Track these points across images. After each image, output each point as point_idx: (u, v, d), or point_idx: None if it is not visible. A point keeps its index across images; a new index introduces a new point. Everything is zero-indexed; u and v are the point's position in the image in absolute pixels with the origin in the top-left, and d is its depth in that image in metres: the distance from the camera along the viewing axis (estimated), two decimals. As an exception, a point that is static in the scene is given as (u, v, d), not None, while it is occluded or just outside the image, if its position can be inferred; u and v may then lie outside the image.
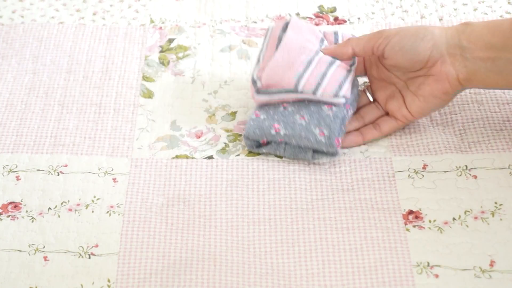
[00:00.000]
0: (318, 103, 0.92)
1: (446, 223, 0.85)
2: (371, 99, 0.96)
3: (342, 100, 0.91)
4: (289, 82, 0.91)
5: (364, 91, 0.97)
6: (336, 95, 0.90)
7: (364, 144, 0.94)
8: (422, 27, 0.90)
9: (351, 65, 0.93)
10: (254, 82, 0.94)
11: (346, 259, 0.82)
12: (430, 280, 0.80)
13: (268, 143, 0.92)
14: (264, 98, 0.93)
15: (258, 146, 0.93)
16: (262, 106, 0.93)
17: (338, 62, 0.93)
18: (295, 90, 0.91)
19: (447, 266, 0.81)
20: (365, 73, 0.96)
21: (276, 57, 0.93)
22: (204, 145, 0.95)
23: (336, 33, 0.97)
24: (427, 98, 0.91)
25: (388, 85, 0.94)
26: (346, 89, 0.91)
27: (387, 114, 0.95)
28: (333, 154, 0.91)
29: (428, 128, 0.95)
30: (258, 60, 0.96)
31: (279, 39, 0.95)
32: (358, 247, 0.83)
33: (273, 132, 0.91)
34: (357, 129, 0.94)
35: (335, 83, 0.91)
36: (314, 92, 0.90)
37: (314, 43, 0.94)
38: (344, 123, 0.92)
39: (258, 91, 0.93)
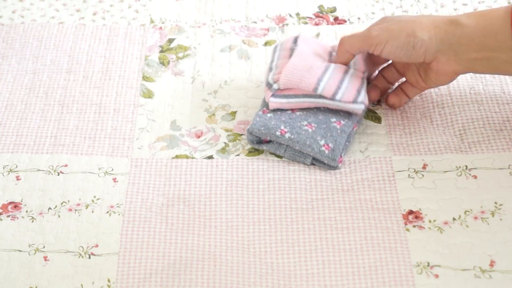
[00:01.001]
0: (327, 113, 0.92)
1: (446, 223, 0.85)
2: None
3: (361, 107, 0.91)
4: (309, 84, 0.91)
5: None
6: (355, 101, 0.91)
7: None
8: (411, 31, 0.88)
9: (363, 72, 0.94)
10: (269, 85, 0.94)
11: (346, 259, 0.82)
12: (430, 280, 0.80)
13: (269, 141, 0.92)
14: (280, 102, 0.92)
15: (258, 142, 0.93)
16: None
17: (352, 69, 0.94)
18: (313, 94, 0.91)
19: (447, 266, 0.81)
20: None
21: (293, 61, 0.94)
22: (204, 145, 0.95)
23: (331, 54, 0.98)
24: (439, 76, 0.92)
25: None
26: (364, 96, 0.92)
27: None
28: (333, 167, 0.91)
29: (428, 128, 0.95)
30: (271, 69, 0.96)
31: (291, 50, 0.96)
32: (358, 247, 0.83)
33: (278, 133, 0.91)
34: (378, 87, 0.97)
35: (354, 89, 0.92)
36: (333, 96, 0.91)
37: (324, 56, 0.96)
38: (349, 140, 0.92)
39: (274, 95, 0.93)
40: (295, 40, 0.98)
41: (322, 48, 0.98)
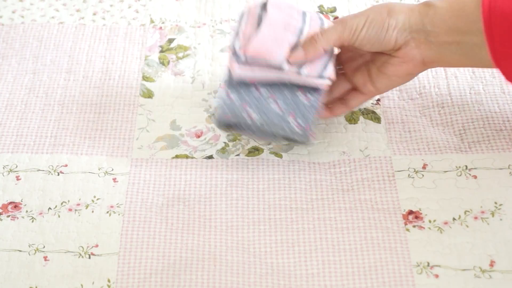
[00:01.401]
0: (292, 87, 0.91)
1: (446, 223, 0.85)
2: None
3: (327, 82, 0.90)
4: (276, 57, 0.89)
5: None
6: (320, 76, 0.90)
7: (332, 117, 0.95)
8: (386, 14, 0.88)
9: (332, 48, 0.92)
10: (235, 54, 0.91)
11: (346, 259, 0.82)
12: (430, 280, 0.80)
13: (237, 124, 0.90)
14: (246, 73, 0.90)
15: (227, 126, 0.90)
16: (233, 86, 0.90)
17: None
18: (280, 67, 0.89)
19: (447, 266, 0.81)
20: None
21: (262, 31, 0.90)
22: (203, 144, 0.95)
23: (304, 14, 0.94)
24: (391, 77, 0.91)
25: (356, 56, 0.94)
26: (331, 71, 0.90)
27: (353, 89, 0.94)
28: (307, 144, 0.90)
29: (428, 128, 0.95)
30: (237, 34, 0.92)
31: (260, 18, 0.93)
32: (358, 247, 0.83)
33: (244, 114, 0.88)
34: (325, 104, 0.94)
35: (320, 63, 0.90)
36: (299, 70, 0.89)
37: (297, 19, 0.92)
38: (317, 113, 0.91)
39: (239, 65, 0.90)
40: (264, 6, 0.94)
41: (294, 9, 0.94)
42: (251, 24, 0.92)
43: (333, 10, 1.13)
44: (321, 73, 0.90)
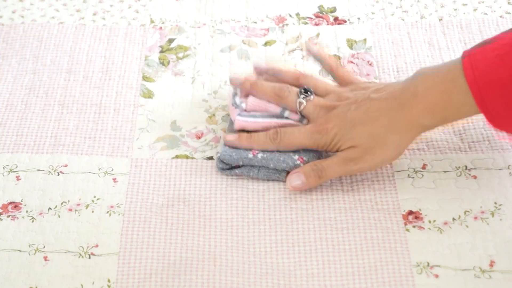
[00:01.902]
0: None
1: (446, 223, 0.85)
2: None
3: None
4: (276, 110, 0.92)
5: None
6: None
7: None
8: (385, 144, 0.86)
9: None
10: (235, 105, 0.94)
11: (346, 259, 0.82)
12: (430, 280, 0.80)
13: (240, 165, 0.90)
14: (246, 120, 0.92)
15: (230, 168, 0.91)
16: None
17: None
18: (281, 115, 0.91)
19: (447, 266, 0.81)
20: None
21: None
22: (204, 146, 0.95)
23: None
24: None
25: None
26: None
27: None
28: None
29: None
30: (235, 94, 0.95)
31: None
32: (358, 247, 0.83)
33: (250, 156, 0.89)
34: None
35: None
36: (301, 119, 0.91)
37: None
38: (322, 153, 0.91)
39: (241, 114, 0.92)
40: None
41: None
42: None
43: (333, 10, 1.13)
44: None
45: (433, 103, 0.83)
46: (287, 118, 0.92)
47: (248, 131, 0.91)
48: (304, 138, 0.88)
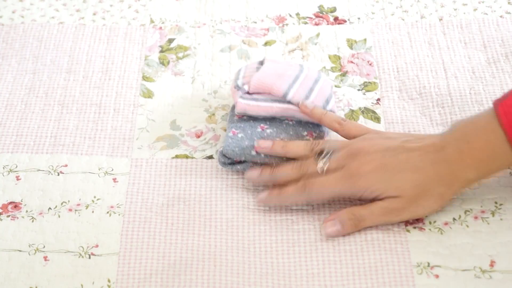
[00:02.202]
0: (297, 128, 0.92)
1: (446, 223, 0.85)
2: None
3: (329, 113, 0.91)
4: (279, 90, 0.91)
5: None
6: (323, 108, 0.92)
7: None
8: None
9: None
10: (238, 87, 0.93)
11: (346, 259, 0.82)
12: (430, 280, 0.80)
13: (242, 161, 0.90)
14: (248, 103, 0.92)
15: (231, 163, 0.90)
16: (239, 125, 0.92)
17: (323, 78, 0.95)
18: (283, 100, 0.91)
19: (448, 267, 0.81)
20: None
21: (263, 69, 0.93)
22: (203, 144, 0.95)
23: (301, 66, 0.96)
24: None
25: None
26: (333, 104, 0.93)
27: None
28: None
29: (428, 128, 0.95)
30: (238, 77, 0.95)
31: (258, 68, 0.96)
32: (358, 248, 0.83)
33: (253, 153, 0.89)
34: None
35: (322, 97, 0.93)
36: (303, 100, 0.91)
37: (294, 69, 0.95)
38: None
39: (243, 96, 0.92)
40: (261, 62, 0.97)
41: (291, 65, 0.96)
42: (250, 71, 0.95)
43: (333, 10, 1.13)
44: (323, 106, 0.92)
45: (478, 158, 0.81)
46: (289, 102, 0.91)
47: (270, 166, 0.88)
48: (335, 184, 0.83)
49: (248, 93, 0.93)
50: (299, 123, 0.93)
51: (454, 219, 0.85)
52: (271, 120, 0.93)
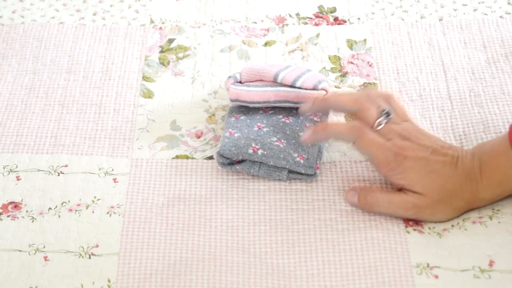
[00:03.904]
0: (294, 127, 0.92)
1: (445, 229, 0.85)
2: None
3: (322, 92, 0.93)
4: (269, 72, 0.93)
5: None
6: (315, 88, 0.93)
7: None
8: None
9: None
10: (230, 77, 0.96)
11: (346, 259, 0.82)
12: (429, 280, 0.80)
13: (241, 161, 0.90)
14: (241, 89, 0.93)
15: (230, 163, 0.90)
16: (236, 126, 0.92)
17: (312, 70, 0.97)
18: (274, 83, 0.93)
19: (447, 267, 0.81)
20: None
21: (253, 63, 0.95)
22: (204, 145, 0.95)
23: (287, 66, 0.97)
24: None
25: None
26: (325, 84, 0.94)
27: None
28: (311, 176, 0.90)
29: (427, 130, 0.95)
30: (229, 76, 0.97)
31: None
32: (358, 248, 0.83)
33: (250, 151, 0.89)
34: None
35: (314, 78, 0.94)
36: (293, 82, 0.92)
37: (284, 64, 0.98)
38: (321, 150, 0.91)
39: (235, 84, 0.94)
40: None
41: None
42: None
43: (333, 10, 1.13)
44: (316, 85, 0.93)
45: (493, 179, 0.83)
46: (280, 83, 0.93)
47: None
48: (383, 151, 0.84)
49: (240, 82, 0.95)
50: (296, 122, 0.93)
51: (452, 225, 0.85)
52: (267, 119, 0.93)
